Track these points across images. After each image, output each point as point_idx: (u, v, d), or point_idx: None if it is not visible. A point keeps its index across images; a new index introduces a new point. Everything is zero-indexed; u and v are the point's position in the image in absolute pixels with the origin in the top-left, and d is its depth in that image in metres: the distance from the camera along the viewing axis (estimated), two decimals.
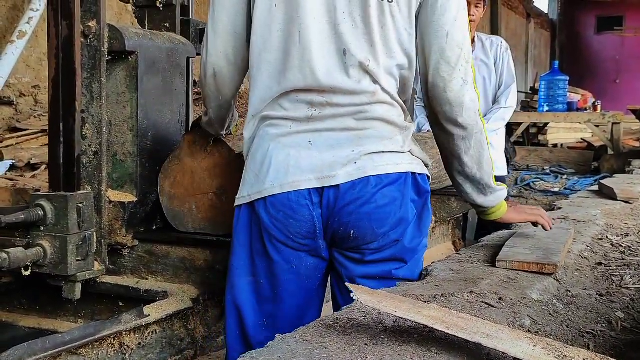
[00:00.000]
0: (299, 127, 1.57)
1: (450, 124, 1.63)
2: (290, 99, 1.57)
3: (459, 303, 1.27)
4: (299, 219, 1.55)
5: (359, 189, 1.53)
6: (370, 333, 1.06)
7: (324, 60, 1.54)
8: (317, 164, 1.54)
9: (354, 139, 1.55)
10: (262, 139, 1.60)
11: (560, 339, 1.24)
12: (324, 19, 1.54)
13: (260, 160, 1.59)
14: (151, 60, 2.05)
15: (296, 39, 1.54)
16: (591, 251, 1.99)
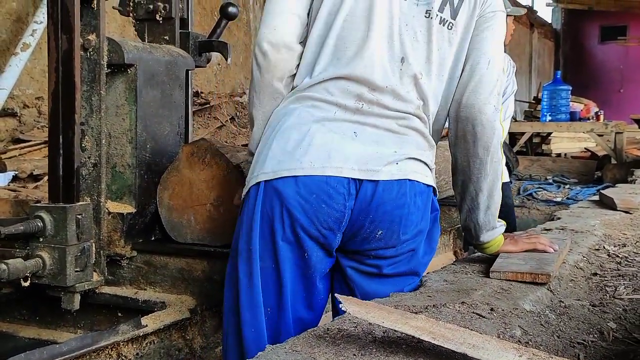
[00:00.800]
0: (344, 116, 1.56)
1: (479, 146, 1.68)
2: (339, 86, 1.57)
3: (450, 314, 1.28)
4: (332, 206, 1.50)
5: (397, 191, 1.55)
6: (360, 344, 1.07)
7: (383, 60, 1.58)
8: (361, 154, 1.52)
9: (397, 141, 1.58)
10: (300, 118, 1.55)
11: (551, 350, 1.25)
12: (390, 23, 1.58)
13: (296, 139, 1.52)
14: (150, 73, 2.08)
15: (363, 34, 1.57)
16: (587, 262, 1.99)
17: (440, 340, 0.97)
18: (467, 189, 1.73)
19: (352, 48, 1.56)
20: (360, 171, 1.50)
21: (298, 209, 1.50)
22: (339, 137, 1.52)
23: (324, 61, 1.58)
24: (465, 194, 1.75)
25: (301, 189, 1.49)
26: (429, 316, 1.25)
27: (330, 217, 1.51)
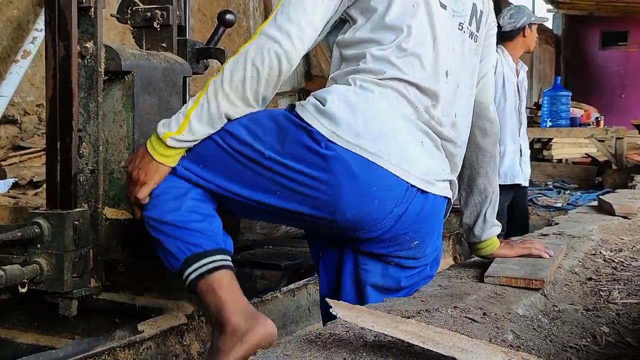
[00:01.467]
0: (417, 121, 1.53)
1: (488, 141, 1.80)
2: (414, 92, 1.53)
3: (442, 318, 1.29)
4: (382, 206, 1.44)
5: (441, 207, 1.59)
6: (350, 348, 1.08)
7: (441, 75, 1.59)
8: (425, 165, 1.51)
9: (443, 159, 1.61)
10: (393, 106, 1.49)
11: (543, 354, 1.26)
12: (437, 36, 1.57)
13: (382, 126, 1.45)
14: (147, 80, 2.09)
15: (429, 46, 1.56)
16: (582, 266, 2.00)
17: (429, 344, 0.97)
18: (476, 182, 1.80)
19: (423, 58, 1.53)
20: (422, 181, 1.50)
21: (350, 189, 1.41)
22: (413, 141, 1.51)
23: (397, 60, 1.50)
24: (474, 189, 1.81)
25: (367, 175, 1.42)
26: (421, 321, 1.26)
27: (372, 214, 1.45)
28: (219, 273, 1.47)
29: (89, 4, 1.96)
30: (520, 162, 4.20)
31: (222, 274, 1.48)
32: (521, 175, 4.22)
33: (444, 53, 1.58)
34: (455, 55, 1.62)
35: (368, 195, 1.43)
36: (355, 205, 1.43)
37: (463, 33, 1.64)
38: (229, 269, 1.50)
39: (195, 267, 1.48)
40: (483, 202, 1.81)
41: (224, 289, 1.46)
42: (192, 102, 1.50)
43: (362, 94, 1.46)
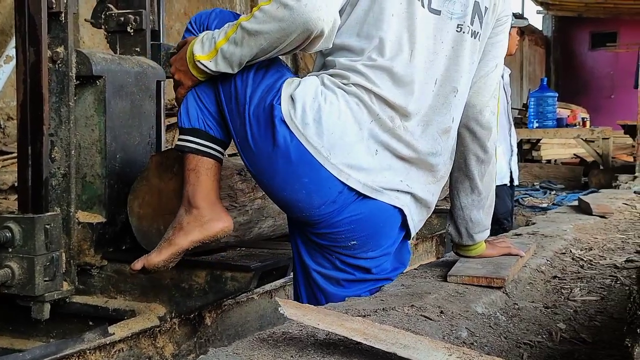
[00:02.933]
0: (376, 129, 1.54)
1: (477, 145, 1.76)
2: (379, 101, 1.54)
3: (397, 316, 1.31)
4: (318, 200, 1.52)
5: (389, 215, 1.61)
6: (299, 346, 1.10)
7: (420, 86, 1.59)
8: (375, 173, 1.55)
9: (406, 171, 1.61)
10: (350, 110, 1.51)
11: (496, 350, 1.28)
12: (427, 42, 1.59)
13: (332, 125, 1.50)
14: (119, 84, 2.11)
15: (407, 55, 1.55)
16: (550, 265, 2.02)
17: (372, 341, 1.00)
18: (463, 184, 1.79)
19: (395, 71, 1.52)
20: (365, 186, 1.51)
21: (283, 173, 1.50)
22: (364, 149, 1.51)
23: (371, 69, 1.52)
24: (461, 191, 1.81)
25: (302, 165, 1.48)
26: (376, 319, 1.28)
27: (299, 203, 1.52)
28: (211, 160, 1.64)
29: (59, 9, 1.98)
30: (509, 162, 4.24)
31: (213, 163, 1.65)
32: (508, 175, 4.26)
33: (432, 61, 1.57)
34: (450, 59, 1.60)
35: (298, 184, 1.50)
36: (284, 188, 1.52)
37: (463, 34, 1.61)
38: (220, 161, 1.67)
39: (197, 140, 1.64)
40: (469, 207, 1.80)
41: (207, 176, 1.63)
42: (224, 32, 1.54)
43: (324, 91, 1.50)
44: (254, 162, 1.56)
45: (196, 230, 1.64)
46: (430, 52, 1.57)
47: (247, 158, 1.58)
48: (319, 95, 1.49)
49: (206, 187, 1.63)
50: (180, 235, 1.68)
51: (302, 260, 1.66)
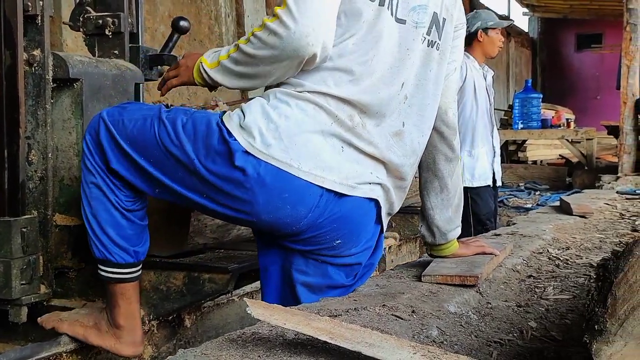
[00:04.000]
0: (338, 129, 1.57)
1: (445, 145, 1.81)
2: (338, 103, 1.56)
3: (368, 316, 1.32)
4: (295, 212, 1.55)
5: (366, 209, 1.65)
6: (268, 346, 1.10)
7: (385, 87, 1.62)
8: (346, 170, 1.57)
9: (375, 165, 1.65)
10: (308, 117, 1.54)
11: (466, 348, 1.29)
12: (395, 48, 1.62)
13: (293, 135, 1.52)
14: (96, 87, 2.10)
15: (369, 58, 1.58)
16: (526, 265, 2.04)
17: (338, 340, 1.01)
18: (433, 184, 1.83)
19: (358, 70, 1.55)
20: (340, 185, 1.54)
21: (264, 196, 1.51)
22: (330, 149, 1.54)
23: (325, 73, 1.54)
24: (431, 191, 1.84)
25: (279, 183, 1.50)
26: (347, 319, 1.29)
27: (286, 218, 1.53)
28: (124, 285, 1.76)
29: (35, 12, 1.98)
30: (492, 163, 4.26)
31: (128, 287, 1.77)
32: (491, 176, 4.28)
33: (398, 67, 1.60)
34: (415, 66, 1.64)
35: (280, 201, 1.51)
36: (269, 210, 1.53)
37: (422, 43, 1.65)
38: (135, 280, 1.78)
39: (107, 269, 1.74)
40: (439, 206, 1.83)
41: (124, 300, 1.77)
42: (227, 49, 1.60)
43: (277, 106, 1.52)
44: (229, 204, 1.55)
45: (110, 341, 1.79)
46: (396, 58, 1.60)
47: (223, 208, 1.57)
48: (271, 114, 1.52)
49: (125, 310, 1.77)
50: (94, 334, 1.81)
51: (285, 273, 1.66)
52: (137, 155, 1.61)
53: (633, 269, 0.88)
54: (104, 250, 1.71)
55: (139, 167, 1.62)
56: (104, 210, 1.69)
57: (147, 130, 1.60)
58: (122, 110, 1.69)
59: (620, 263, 0.88)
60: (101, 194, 1.68)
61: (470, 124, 4.13)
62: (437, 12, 1.68)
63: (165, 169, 1.59)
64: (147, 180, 1.64)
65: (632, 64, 6.03)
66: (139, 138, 1.62)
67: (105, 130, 1.66)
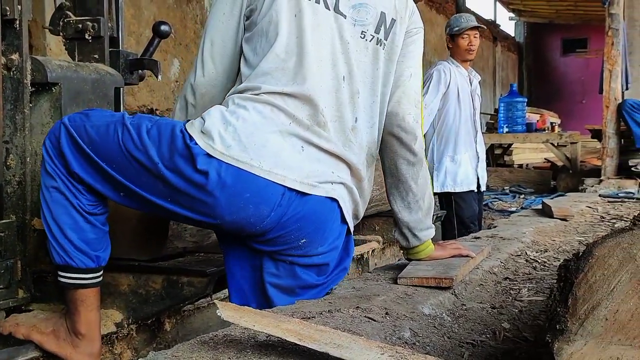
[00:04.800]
0: (296, 129, 1.62)
1: (404, 149, 1.80)
2: (294, 102, 1.62)
3: (341, 318, 1.33)
4: (258, 211, 1.58)
5: (328, 208, 1.67)
6: (239, 347, 1.11)
7: (328, 82, 1.68)
8: (307, 169, 1.60)
9: (335, 164, 1.68)
10: (266, 118, 1.60)
11: (438, 349, 1.31)
12: (333, 42, 1.68)
13: (253, 136, 1.58)
14: (75, 91, 2.10)
15: (310, 54, 1.65)
16: (503, 267, 2.06)
17: (306, 341, 1.01)
18: (398, 188, 1.83)
19: (303, 67, 1.60)
20: (301, 184, 1.57)
21: (226, 197, 1.52)
22: (290, 148, 1.57)
23: (277, 73, 1.61)
24: (397, 195, 1.85)
25: (240, 183, 1.52)
26: (320, 321, 1.30)
27: (250, 218, 1.55)
28: (84, 291, 1.72)
29: (13, 16, 1.97)
30: (476, 168, 4.27)
31: (87, 293, 1.73)
32: (475, 181, 4.29)
33: (339, 60, 1.64)
34: (359, 62, 1.68)
35: (242, 202, 1.53)
36: (232, 211, 1.54)
37: (366, 41, 1.69)
38: (97, 286, 1.75)
39: (70, 276, 1.70)
40: (408, 208, 1.84)
41: (84, 307, 1.73)
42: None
43: (235, 111, 1.57)
44: (193, 207, 1.56)
45: (67, 350, 1.75)
46: (338, 51, 1.65)
47: (187, 210, 1.58)
48: (229, 117, 1.56)
49: (86, 318, 1.73)
50: (51, 340, 1.77)
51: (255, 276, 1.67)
52: (100, 159, 1.61)
53: (593, 270, 0.89)
54: (65, 255, 1.68)
55: (103, 172, 1.62)
56: (66, 214, 1.66)
57: (111, 136, 1.60)
58: (84, 117, 1.69)
59: (581, 264, 0.90)
60: (62, 198, 1.66)
61: (453, 130, 4.15)
62: (385, 12, 1.72)
63: (128, 173, 1.59)
64: (110, 185, 1.63)
65: (614, 68, 6.09)
66: (101, 144, 1.61)
67: (66, 135, 1.65)
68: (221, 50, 1.72)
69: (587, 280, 0.89)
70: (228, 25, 1.70)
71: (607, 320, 0.87)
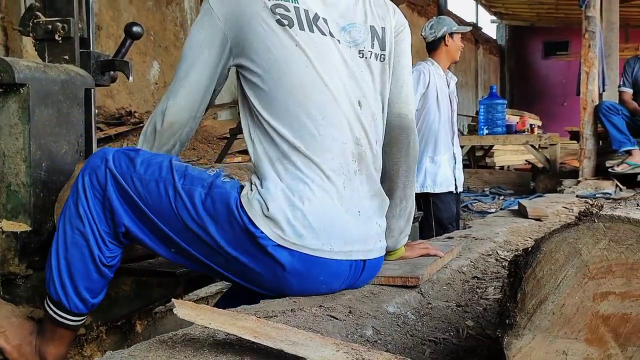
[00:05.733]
0: (349, 189, 1.60)
1: (410, 154, 1.79)
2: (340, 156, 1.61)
3: (304, 317, 1.33)
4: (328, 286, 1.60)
5: (380, 258, 1.72)
6: (196, 346, 1.11)
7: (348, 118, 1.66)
8: (363, 233, 1.61)
9: (377, 208, 1.71)
10: (326, 192, 1.55)
11: (399, 347, 1.31)
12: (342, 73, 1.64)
13: (321, 218, 1.53)
14: (44, 93, 2.09)
15: (327, 96, 1.59)
16: (473, 266, 2.07)
17: (261, 339, 1.02)
18: (393, 196, 1.80)
19: (320, 111, 1.54)
20: (362, 252, 1.60)
21: (299, 282, 1.52)
22: (352, 219, 1.56)
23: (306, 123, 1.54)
24: (390, 202, 1.80)
25: (313, 269, 1.51)
26: (282, 319, 1.30)
27: (320, 292, 1.56)
28: (65, 330, 1.71)
29: None
30: (454, 170, 4.29)
31: (67, 333, 1.72)
32: (453, 183, 4.31)
33: (351, 84, 1.60)
34: (367, 82, 1.64)
35: (315, 284, 1.54)
36: (302, 290, 1.54)
37: (366, 59, 1.65)
38: (79, 328, 1.77)
39: (60, 314, 1.68)
40: (396, 216, 1.83)
41: (60, 342, 1.72)
42: None
43: (294, 190, 1.50)
44: (255, 282, 1.55)
45: None
46: (350, 76, 1.61)
47: (250, 284, 1.56)
48: (292, 198, 1.49)
49: (57, 351, 1.73)
50: (14, 352, 1.75)
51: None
52: (154, 216, 1.55)
53: (540, 265, 0.90)
54: (62, 295, 1.65)
55: (157, 229, 1.56)
56: (81, 262, 1.62)
57: (163, 197, 1.54)
58: (129, 162, 1.61)
59: (529, 259, 0.91)
60: (84, 245, 1.61)
61: (433, 131, 4.17)
62: (374, 24, 1.68)
63: (186, 238, 1.54)
64: (163, 243, 1.58)
65: (591, 71, 6.14)
66: (153, 202, 1.55)
67: (114, 183, 1.59)
68: (195, 85, 1.65)
69: (535, 275, 0.91)
70: (205, 59, 1.62)
71: (554, 315, 0.88)
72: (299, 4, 1.56)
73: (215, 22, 1.59)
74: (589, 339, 0.85)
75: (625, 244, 0.84)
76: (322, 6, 1.60)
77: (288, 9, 1.55)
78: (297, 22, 1.54)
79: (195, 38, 1.63)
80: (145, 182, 1.57)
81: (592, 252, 0.87)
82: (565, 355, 0.87)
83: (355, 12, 1.65)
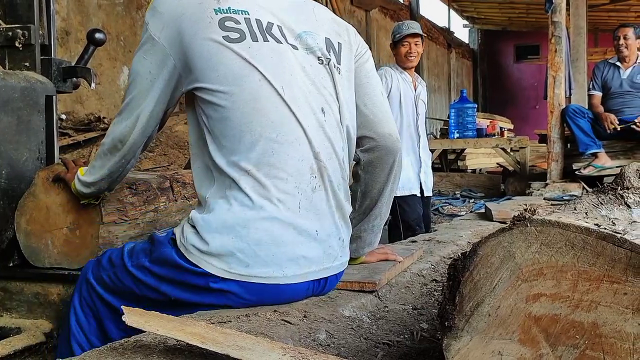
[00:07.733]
0: (304, 205, 1.56)
1: (392, 174, 1.78)
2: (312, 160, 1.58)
3: (257, 322, 1.35)
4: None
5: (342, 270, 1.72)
6: (146, 353, 1.12)
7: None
8: (320, 251, 1.58)
9: (337, 219, 1.66)
10: (278, 213, 1.51)
11: (352, 350, 1.33)
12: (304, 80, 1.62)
13: (269, 245, 1.50)
14: (3, 100, 2.08)
15: (284, 107, 1.56)
16: (433, 269, 2.10)
17: (208, 344, 1.03)
18: (371, 212, 1.80)
19: (275, 129, 1.50)
20: (320, 271, 1.57)
21: (256, 302, 1.50)
22: (304, 239, 1.52)
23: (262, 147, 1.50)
24: (365, 217, 1.81)
25: (265, 296, 1.50)
26: (235, 325, 1.31)
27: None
28: None
29: None
30: (419, 173, 4.33)
31: None
32: (418, 186, 4.34)
33: (312, 91, 1.57)
34: (328, 89, 1.60)
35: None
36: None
37: (325, 66, 1.62)
38: None
39: None
40: (367, 230, 1.84)
41: None
42: None
43: (243, 217, 1.46)
44: (212, 306, 1.53)
45: None
46: (307, 83, 1.57)
47: (205, 308, 1.53)
48: (237, 229, 1.47)
49: None
50: None
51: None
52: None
53: (477, 268, 0.93)
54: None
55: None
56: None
57: (125, 281, 1.60)
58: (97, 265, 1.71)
59: (467, 263, 0.93)
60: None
61: None
62: (329, 37, 1.66)
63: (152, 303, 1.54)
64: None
65: (558, 75, 6.24)
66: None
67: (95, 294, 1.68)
68: (149, 112, 1.58)
69: (472, 279, 0.93)
70: (156, 88, 1.54)
71: (490, 316, 0.91)
72: (249, 15, 1.52)
73: (159, 48, 1.51)
74: (522, 339, 0.88)
75: (555, 247, 0.87)
76: (275, 14, 1.57)
77: (238, 21, 1.50)
78: (249, 33, 1.50)
79: (142, 64, 1.54)
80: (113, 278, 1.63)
81: (525, 255, 0.89)
82: (501, 355, 0.89)
83: (310, 21, 1.64)
